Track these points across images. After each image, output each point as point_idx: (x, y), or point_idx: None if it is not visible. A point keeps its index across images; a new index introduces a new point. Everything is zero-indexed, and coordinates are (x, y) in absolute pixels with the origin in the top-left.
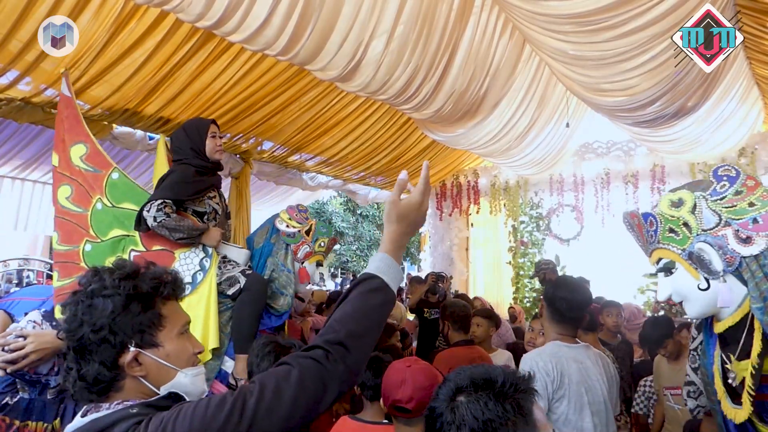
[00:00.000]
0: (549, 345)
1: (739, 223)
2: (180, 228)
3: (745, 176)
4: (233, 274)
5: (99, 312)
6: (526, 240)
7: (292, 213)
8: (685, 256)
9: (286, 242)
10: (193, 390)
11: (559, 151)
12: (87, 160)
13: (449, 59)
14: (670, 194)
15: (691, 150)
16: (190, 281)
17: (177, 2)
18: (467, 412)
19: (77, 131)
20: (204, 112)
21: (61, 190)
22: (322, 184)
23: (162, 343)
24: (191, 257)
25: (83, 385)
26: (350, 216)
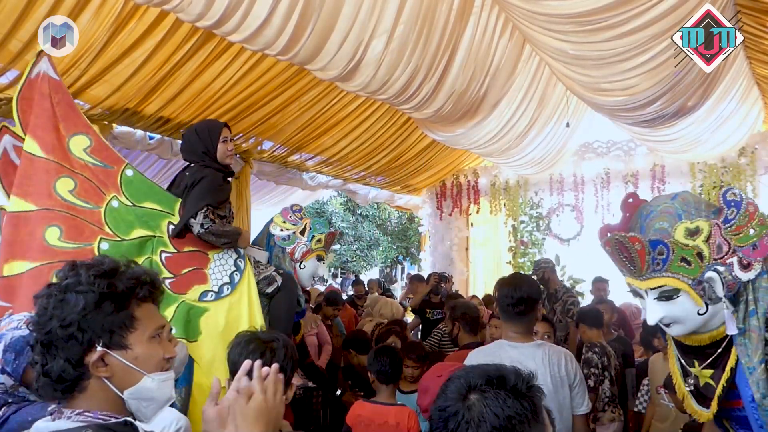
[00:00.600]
0: (492, 344)
1: (743, 250)
2: (226, 233)
3: (747, 201)
4: (269, 273)
5: (70, 307)
6: (526, 240)
7: (286, 215)
8: (693, 285)
9: (281, 246)
10: (159, 396)
11: (559, 151)
12: (93, 153)
13: (449, 59)
14: (686, 222)
15: (691, 150)
16: (229, 281)
17: (177, 2)
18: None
19: (75, 121)
20: (204, 112)
21: (62, 182)
22: (322, 183)
23: (131, 346)
24: (225, 258)
25: (47, 381)
26: (350, 216)
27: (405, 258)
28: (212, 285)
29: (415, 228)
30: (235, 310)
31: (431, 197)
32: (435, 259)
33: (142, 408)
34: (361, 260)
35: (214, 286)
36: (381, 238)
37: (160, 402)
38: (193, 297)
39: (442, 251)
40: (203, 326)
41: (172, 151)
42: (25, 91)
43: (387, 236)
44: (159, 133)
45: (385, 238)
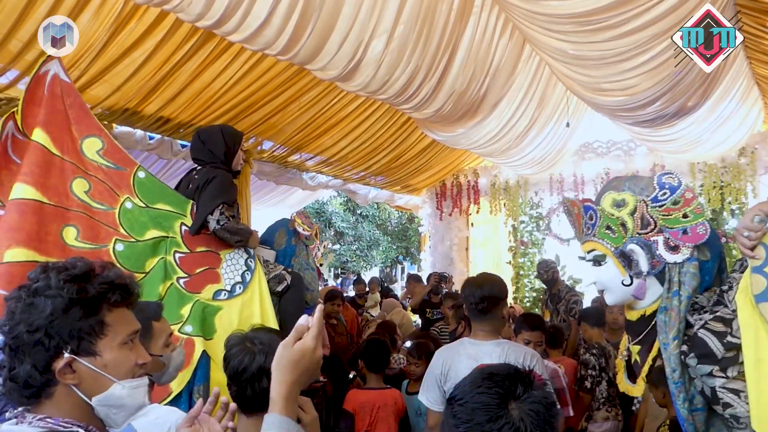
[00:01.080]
0: (455, 342)
1: (671, 231)
2: (240, 230)
3: (685, 188)
4: (279, 273)
5: (37, 312)
6: (526, 240)
7: (302, 219)
8: (617, 253)
9: (306, 244)
10: (129, 403)
11: (559, 151)
12: (106, 155)
13: (449, 59)
14: (614, 193)
15: (692, 150)
16: (240, 281)
17: (177, 2)
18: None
19: (88, 123)
20: (204, 112)
21: (77, 183)
22: (322, 183)
23: (101, 352)
24: (236, 258)
25: (14, 385)
26: (350, 216)
27: (405, 258)
28: (225, 284)
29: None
30: (247, 309)
31: (431, 197)
32: (435, 259)
33: (111, 415)
34: (361, 260)
35: (227, 285)
36: (381, 239)
37: (131, 409)
38: (207, 296)
39: (442, 251)
40: (218, 324)
41: (172, 151)
42: (33, 87)
43: (387, 236)
44: (159, 133)
45: (385, 239)
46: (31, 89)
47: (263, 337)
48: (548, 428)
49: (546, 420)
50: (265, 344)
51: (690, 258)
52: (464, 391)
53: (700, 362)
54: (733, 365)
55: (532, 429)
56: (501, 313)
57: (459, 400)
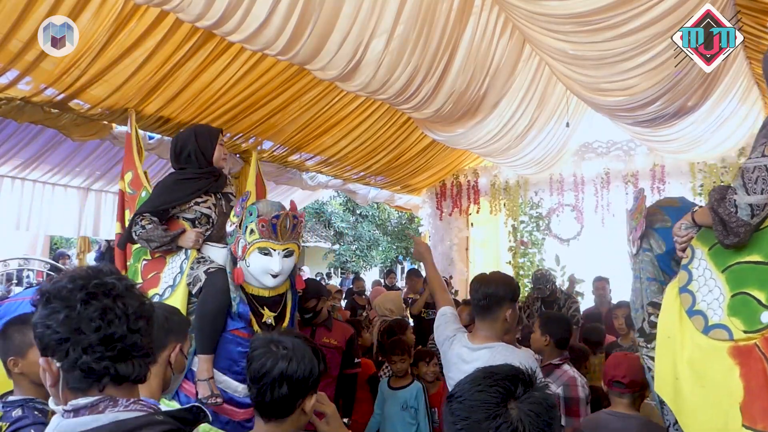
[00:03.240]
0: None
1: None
2: (151, 237)
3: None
4: (197, 274)
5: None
6: (526, 240)
7: (236, 209)
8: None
9: (229, 243)
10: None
11: (559, 151)
12: (131, 185)
13: (449, 59)
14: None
15: (692, 150)
16: (171, 284)
17: (177, 2)
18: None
19: (129, 161)
20: (204, 112)
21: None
22: (322, 183)
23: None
24: (176, 260)
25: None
26: (350, 216)
27: (405, 258)
28: (160, 288)
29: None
30: None
31: (431, 197)
32: (435, 259)
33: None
34: (360, 260)
35: (161, 289)
36: (380, 239)
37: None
38: None
39: (442, 251)
40: None
41: None
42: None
43: (386, 236)
44: (159, 133)
45: (384, 239)
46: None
47: (288, 342)
48: (547, 430)
49: (545, 421)
50: (289, 349)
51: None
52: (464, 389)
53: (639, 335)
54: (654, 339)
55: (531, 430)
56: (504, 315)
57: (458, 398)
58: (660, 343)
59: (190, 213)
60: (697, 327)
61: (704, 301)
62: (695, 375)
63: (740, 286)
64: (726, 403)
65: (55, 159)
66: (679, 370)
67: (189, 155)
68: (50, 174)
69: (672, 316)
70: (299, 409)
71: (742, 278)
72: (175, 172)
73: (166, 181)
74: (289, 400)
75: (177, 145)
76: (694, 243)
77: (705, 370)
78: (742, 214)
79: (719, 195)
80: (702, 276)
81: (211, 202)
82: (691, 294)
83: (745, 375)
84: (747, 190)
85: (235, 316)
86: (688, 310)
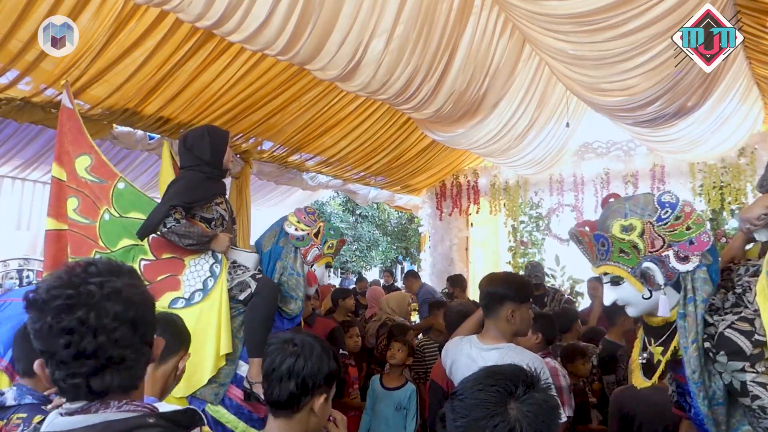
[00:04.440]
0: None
1: (679, 244)
2: (189, 234)
3: (683, 203)
4: (244, 279)
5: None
6: (526, 240)
7: (300, 216)
8: (633, 273)
9: (295, 245)
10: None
11: (559, 151)
12: (92, 171)
13: (449, 59)
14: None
15: (692, 150)
16: (201, 288)
17: (177, 2)
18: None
19: (80, 143)
20: (204, 112)
21: (69, 202)
22: (322, 183)
23: None
24: (201, 263)
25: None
26: (349, 216)
27: (405, 258)
28: (184, 292)
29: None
30: (205, 318)
31: (431, 197)
32: (435, 259)
33: None
34: (360, 261)
35: (185, 293)
36: (380, 239)
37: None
38: (163, 304)
39: (441, 251)
40: None
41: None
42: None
43: (386, 237)
44: (159, 133)
45: (384, 239)
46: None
47: (299, 340)
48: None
49: (544, 423)
50: (298, 346)
51: (699, 265)
52: (465, 387)
53: (730, 359)
54: (760, 360)
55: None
56: (506, 314)
57: (459, 396)
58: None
59: (210, 213)
60: None
61: None
62: None
63: None
64: None
65: None
66: None
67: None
68: (50, 174)
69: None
70: (307, 407)
71: None
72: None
73: (193, 178)
74: (296, 396)
75: (186, 143)
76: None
77: None
78: None
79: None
80: None
81: (223, 205)
82: None
83: None
84: None
85: (279, 319)
86: None
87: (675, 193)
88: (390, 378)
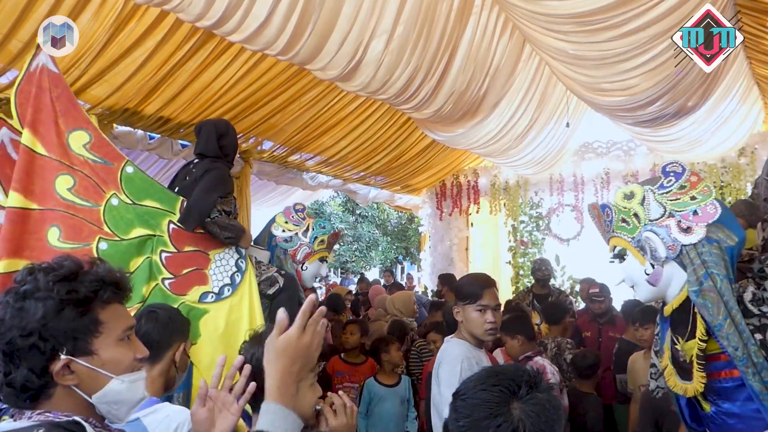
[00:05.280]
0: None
1: (682, 214)
2: (230, 227)
3: (690, 172)
4: (271, 275)
5: (29, 316)
6: (526, 240)
7: (288, 215)
8: (635, 244)
9: (283, 248)
10: (129, 397)
11: (559, 151)
12: (93, 149)
13: (449, 59)
14: (623, 188)
15: (692, 150)
16: (230, 282)
17: (177, 2)
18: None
19: (75, 116)
20: (204, 112)
21: (60, 180)
22: (322, 183)
23: (97, 351)
24: (226, 258)
25: (11, 390)
26: (349, 216)
27: (405, 258)
28: (213, 286)
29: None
30: (235, 312)
31: (431, 197)
32: (435, 259)
33: (113, 410)
34: (360, 260)
35: (214, 287)
36: (380, 239)
37: (132, 402)
38: (193, 298)
39: (441, 251)
40: (203, 328)
41: (172, 151)
42: (24, 85)
43: (386, 237)
44: (159, 133)
45: (384, 239)
46: (23, 88)
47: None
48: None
49: (547, 423)
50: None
51: (708, 239)
52: (468, 387)
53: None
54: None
55: (532, 430)
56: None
57: (462, 396)
58: None
59: (229, 206)
60: None
61: None
62: None
63: None
64: None
65: None
66: None
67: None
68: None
69: None
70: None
71: None
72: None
73: (225, 169)
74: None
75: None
76: None
77: None
78: None
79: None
80: None
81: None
82: None
83: None
84: None
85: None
86: None
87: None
88: (386, 376)
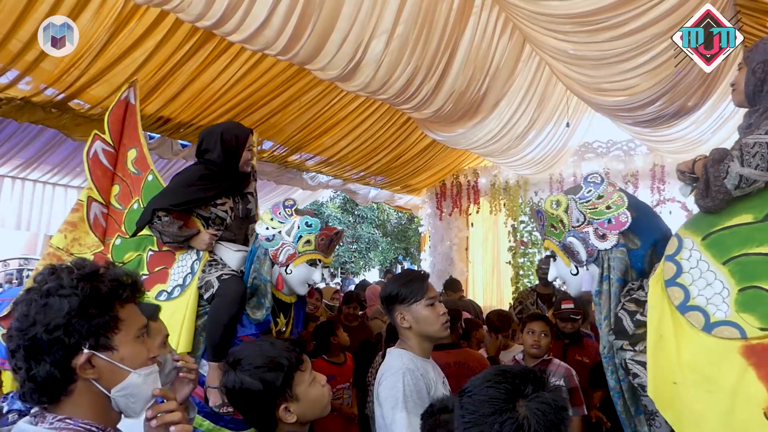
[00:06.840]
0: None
1: (598, 222)
2: (166, 232)
3: (607, 183)
4: (209, 279)
5: (54, 311)
6: (525, 240)
7: (275, 212)
8: (561, 247)
9: (264, 247)
10: (146, 391)
11: (559, 151)
12: (135, 164)
13: (449, 59)
14: (551, 196)
15: (692, 150)
16: (181, 283)
17: (177, 2)
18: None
19: (134, 137)
20: (204, 112)
21: (114, 189)
22: (322, 183)
23: (117, 346)
24: (186, 259)
25: (32, 386)
26: (348, 217)
27: (405, 258)
28: (168, 285)
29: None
30: (178, 314)
31: (431, 197)
32: (435, 259)
33: (130, 404)
34: (359, 261)
35: (169, 287)
36: (380, 239)
37: (147, 397)
38: (152, 295)
39: (441, 251)
40: None
41: (172, 151)
42: (115, 109)
43: (386, 237)
44: (159, 133)
45: (384, 239)
46: (114, 111)
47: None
48: (554, 430)
49: (552, 422)
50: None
51: (617, 244)
52: (474, 384)
53: (616, 338)
54: (641, 341)
55: (537, 428)
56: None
57: (468, 393)
58: (652, 345)
59: (206, 212)
60: (695, 324)
61: (702, 296)
62: (700, 379)
63: (750, 280)
64: (744, 409)
65: (55, 159)
66: (677, 374)
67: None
68: (50, 174)
69: (662, 314)
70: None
71: (752, 271)
72: (199, 166)
73: (191, 176)
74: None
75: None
76: (681, 232)
77: (712, 373)
78: (728, 182)
79: (718, 156)
80: (696, 268)
81: (228, 205)
82: (682, 288)
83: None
84: (742, 162)
85: (247, 323)
86: (681, 305)
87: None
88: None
